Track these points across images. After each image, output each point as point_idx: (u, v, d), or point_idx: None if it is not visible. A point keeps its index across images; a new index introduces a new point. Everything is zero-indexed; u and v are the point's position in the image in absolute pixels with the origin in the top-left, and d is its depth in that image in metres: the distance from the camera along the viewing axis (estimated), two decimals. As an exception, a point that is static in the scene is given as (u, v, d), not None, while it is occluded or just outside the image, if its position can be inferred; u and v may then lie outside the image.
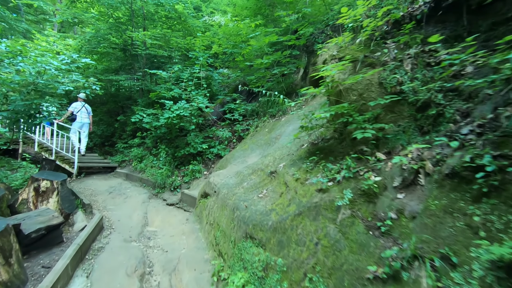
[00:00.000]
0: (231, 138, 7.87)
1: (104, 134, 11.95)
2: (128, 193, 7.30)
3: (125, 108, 12.30)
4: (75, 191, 6.68)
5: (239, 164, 5.29)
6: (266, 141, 5.71)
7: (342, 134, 3.67)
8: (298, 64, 7.36)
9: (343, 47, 4.05)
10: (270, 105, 7.09)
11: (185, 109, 7.14)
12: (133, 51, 10.73)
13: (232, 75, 10.59)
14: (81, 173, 9.06)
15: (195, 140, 7.57)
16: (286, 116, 6.22)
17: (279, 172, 3.88)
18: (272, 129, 6.08)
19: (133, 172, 8.79)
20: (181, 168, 7.64)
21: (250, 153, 5.78)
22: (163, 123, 7.32)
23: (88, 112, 9.03)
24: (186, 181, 7.09)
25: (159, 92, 8.22)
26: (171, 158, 7.91)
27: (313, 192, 2.92)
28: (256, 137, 6.37)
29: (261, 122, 7.19)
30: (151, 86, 9.78)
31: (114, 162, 10.36)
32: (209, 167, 7.42)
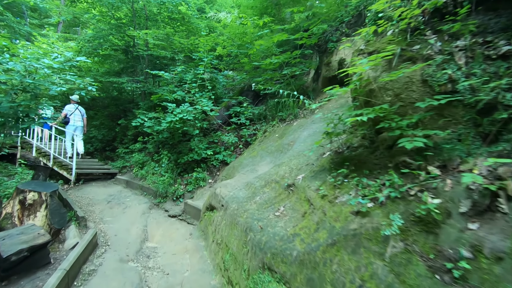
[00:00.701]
0: (238, 144, 7.29)
1: (105, 139, 11.41)
2: (128, 202, 6.72)
3: (127, 111, 11.77)
4: (70, 201, 6.11)
5: (249, 174, 4.70)
6: (277, 147, 5.12)
7: (374, 141, 3.08)
8: (309, 64, 6.79)
9: (371, 40, 3.47)
10: (280, 108, 6.51)
11: (188, 113, 6.58)
12: (135, 52, 10.22)
13: (237, 77, 10.03)
14: (80, 180, 8.51)
15: (199, 145, 6.99)
16: (298, 120, 5.64)
17: (298, 186, 3.28)
18: (283, 134, 5.49)
19: (133, 179, 8.22)
20: (184, 176, 7.06)
21: (259, 160, 5.18)
22: (165, 128, 6.76)
23: (81, 114, 8.56)
24: (189, 190, 6.51)
25: (161, 95, 7.67)
26: (173, 165, 7.34)
27: (348, 214, 2.32)
28: (265, 143, 5.78)
29: (270, 127, 6.61)
30: (153, 88, 9.24)
31: (115, 168, 9.80)
32: (214, 174, 6.83)
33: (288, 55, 6.32)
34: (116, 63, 12.84)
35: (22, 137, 10.50)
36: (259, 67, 9.75)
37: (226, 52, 11.24)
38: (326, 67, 5.93)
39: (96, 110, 12.70)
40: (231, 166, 5.95)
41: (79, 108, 8.59)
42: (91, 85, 5.47)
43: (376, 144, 2.99)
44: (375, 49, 3.22)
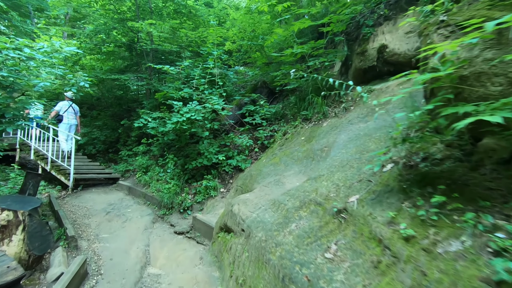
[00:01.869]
0: (252, 147, 6.32)
1: (108, 140, 10.54)
2: (129, 214, 5.80)
3: (131, 111, 10.89)
4: (62, 215, 5.20)
5: (273, 187, 3.72)
6: (306, 153, 4.14)
7: (472, 152, 2.08)
8: (334, 55, 5.76)
9: (455, 9, 2.45)
10: (304, 106, 5.51)
11: (197, 112, 5.62)
12: (138, 48, 9.32)
13: (249, 73, 9.05)
14: (79, 185, 7.64)
15: (209, 149, 6.03)
16: (328, 120, 4.64)
17: (353, 212, 2.30)
18: (312, 137, 4.50)
19: (136, 186, 7.31)
20: (192, 184, 6.11)
21: (284, 169, 4.20)
22: (171, 129, 5.82)
23: (75, 112, 7.96)
24: (198, 201, 5.56)
25: (167, 92, 6.73)
26: (180, 170, 6.40)
27: (476, 284, 1.33)
28: (288, 147, 4.80)
29: (291, 128, 5.62)
30: (158, 86, 8.32)
31: (117, 172, 8.92)
32: (227, 182, 5.88)
33: (312, 44, 5.32)
34: (120, 61, 11.98)
35: (21, 138, 9.71)
36: (272, 62, 8.80)
37: (236, 47, 10.28)
38: (360, 56, 4.92)
39: (99, 110, 11.86)
40: (247, 174, 4.98)
41: (72, 106, 7.91)
42: (84, 81, 4.55)
43: (478, 156, 1.99)
44: (467, 18, 2.22)
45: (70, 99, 7.87)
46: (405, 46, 4.19)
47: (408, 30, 4.18)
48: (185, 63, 6.33)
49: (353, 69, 5.22)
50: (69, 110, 7.82)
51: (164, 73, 9.03)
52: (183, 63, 6.29)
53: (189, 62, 6.40)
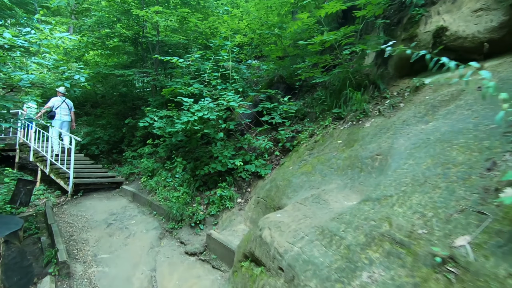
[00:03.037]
0: (272, 150, 5.48)
1: (112, 140, 9.77)
2: (132, 227, 5.02)
3: (136, 109, 10.11)
4: (55, 230, 4.43)
5: (313, 205, 2.88)
6: (349, 162, 3.28)
7: None
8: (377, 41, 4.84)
9: None
10: (336, 102, 4.65)
11: (210, 110, 4.80)
12: (144, 40, 8.51)
13: (263, 67, 8.19)
14: (79, 190, 6.90)
15: (223, 152, 5.21)
16: (372, 120, 3.77)
17: (470, 267, 1.46)
18: (352, 140, 3.64)
19: (141, 192, 6.53)
20: (204, 192, 5.31)
21: (321, 181, 3.36)
22: (180, 129, 5.01)
23: (69, 108, 7.58)
24: (212, 214, 4.74)
25: (175, 89, 5.89)
26: (190, 176, 5.59)
27: None
28: (321, 152, 3.94)
29: (320, 128, 4.77)
30: (165, 81, 7.50)
31: (121, 175, 8.17)
32: (244, 191, 5.06)
33: (345, 30, 4.43)
34: (125, 57, 11.20)
35: (21, 138, 9.01)
36: (287, 55, 7.93)
37: (247, 40, 9.41)
38: (407, 43, 4.03)
39: (103, 108, 11.10)
40: (271, 184, 4.14)
41: (66, 101, 7.51)
42: (79, 73, 3.75)
43: None
44: None
45: (63, 94, 7.43)
46: (473, 28, 3.30)
47: (478, 7, 3.30)
48: (195, 55, 5.50)
49: (396, 59, 4.33)
50: (62, 106, 7.38)
51: (171, 68, 8.23)
52: (193, 55, 5.46)
53: (200, 53, 5.57)
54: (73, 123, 7.95)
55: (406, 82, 4.06)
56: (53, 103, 7.33)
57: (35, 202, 6.58)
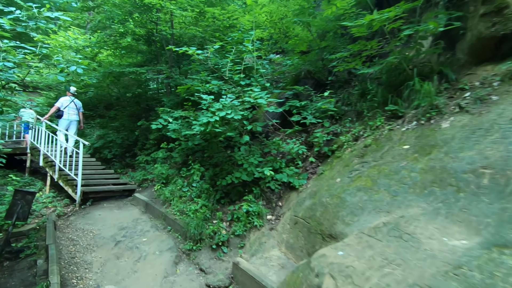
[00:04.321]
0: (306, 155, 4.59)
1: (125, 143, 9.12)
2: (144, 246, 4.23)
3: (150, 110, 9.44)
4: (52, 255, 3.68)
5: (393, 242, 1.97)
6: (434, 177, 2.35)
7: None
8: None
9: None
10: (393, 97, 3.70)
11: (234, 109, 3.95)
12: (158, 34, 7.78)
13: (287, 62, 7.29)
14: (88, 199, 6.23)
15: (248, 159, 4.35)
16: (451, 119, 2.81)
17: None
18: (427, 146, 2.70)
19: (155, 202, 5.78)
20: (226, 205, 4.47)
21: (391, 202, 2.44)
22: (198, 132, 4.19)
23: (77, 108, 7.42)
24: (237, 233, 3.88)
25: (191, 86, 5.09)
26: (209, 186, 4.77)
27: None
28: (381, 161, 3.01)
29: (368, 129, 3.84)
30: (180, 79, 6.74)
31: (134, 181, 7.48)
32: (274, 205, 4.18)
33: (404, 6, 3.48)
34: (139, 57, 10.56)
35: (32, 142, 8.50)
36: (312, 49, 7.02)
37: (267, 34, 8.54)
38: (492, 18, 3.06)
39: (117, 110, 10.50)
40: (315, 201, 3.23)
41: (74, 101, 7.33)
42: (76, 64, 2.99)
43: None
44: None
45: (72, 94, 7.32)
46: None
47: None
48: (215, 46, 4.68)
49: (471, 41, 3.34)
50: (70, 106, 7.20)
51: (187, 64, 7.47)
52: (213, 46, 4.63)
53: (219, 44, 4.75)
54: (81, 124, 7.74)
55: (489, 69, 3.08)
56: (61, 103, 7.15)
57: (41, 212, 5.95)
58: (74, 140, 7.00)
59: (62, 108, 7.11)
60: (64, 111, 7.14)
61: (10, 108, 4.02)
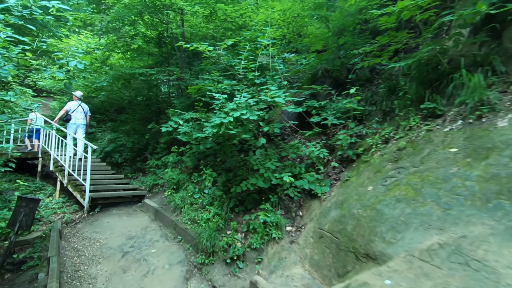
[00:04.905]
0: (326, 159, 4.17)
1: (136, 147, 8.89)
2: (152, 259, 3.90)
3: (161, 113, 9.21)
4: (53, 269, 3.41)
5: (458, 271, 1.54)
6: (499, 186, 1.91)
7: None
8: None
9: None
10: (431, 94, 3.25)
11: (249, 109, 3.59)
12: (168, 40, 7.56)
13: (302, 61, 6.90)
14: (97, 205, 5.98)
15: (265, 163, 3.97)
16: (508, 116, 2.36)
17: None
18: (482, 148, 2.26)
19: (165, 209, 5.47)
20: (241, 214, 4.09)
21: (444, 217, 2.01)
22: (211, 134, 3.85)
23: (85, 112, 7.41)
24: (253, 247, 3.50)
25: (202, 86, 4.77)
26: (222, 193, 4.41)
27: None
28: (423, 167, 2.57)
29: (400, 130, 3.40)
30: (191, 79, 6.45)
31: (144, 186, 7.24)
32: (294, 215, 3.77)
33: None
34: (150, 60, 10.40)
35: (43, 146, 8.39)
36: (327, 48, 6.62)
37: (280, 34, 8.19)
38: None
39: (128, 114, 10.34)
40: (343, 212, 2.82)
41: (82, 105, 7.34)
42: (76, 59, 2.71)
43: None
44: None
45: (79, 98, 7.41)
46: None
47: None
48: (227, 42, 4.35)
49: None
50: (78, 110, 7.20)
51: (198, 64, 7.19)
52: (225, 43, 4.31)
53: (232, 40, 4.43)
54: (87, 127, 7.75)
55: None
56: (69, 107, 7.16)
57: (50, 218, 5.74)
58: (83, 144, 6.84)
59: (70, 112, 7.10)
60: (72, 115, 7.12)
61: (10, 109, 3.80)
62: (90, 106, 11.90)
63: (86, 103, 11.71)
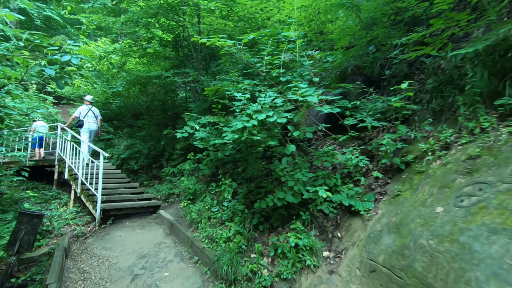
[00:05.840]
0: (366, 169, 3.51)
1: (152, 153, 8.53)
2: (165, 285, 3.37)
3: (177, 118, 8.83)
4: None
5: None
6: None
7: None
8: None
9: None
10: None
11: (277, 110, 3.00)
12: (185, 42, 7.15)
13: (328, 59, 6.25)
14: (110, 217, 5.58)
15: (294, 174, 3.35)
16: None
17: None
18: None
19: (181, 222, 4.96)
20: (266, 233, 3.49)
21: None
22: (231, 140, 3.29)
23: (95, 116, 7.24)
24: (283, 276, 2.87)
25: (220, 87, 4.24)
26: (243, 206, 3.84)
27: None
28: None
29: (463, 133, 2.70)
30: (207, 81, 5.97)
31: (160, 195, 6.81)
32: (330, 236, 3.13)
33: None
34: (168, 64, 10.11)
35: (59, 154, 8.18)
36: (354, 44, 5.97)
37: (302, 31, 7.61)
38: None
39: (144, 119, 10.05)
40: (405, 241, 2.14)
41: (92, 109, 7.14)
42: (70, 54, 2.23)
43: None
44: None
45: (89, 102, 7.17)
46: None
47: None
48: (248, 36, 3.81)
49: None
50: (89, 114, 7.03)
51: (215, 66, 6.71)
52: (246, 37, 3.76)
53: (254, 35, 3.87)
54: (99, 131, 7.58)
55: None
56: (79, 112, 7.01)
57: (61, 231, 5.37)
58: (96, 151, 6.51)
59: (81, 118, 6.95)
60: (84, 120, 6.96)
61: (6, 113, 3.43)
62: (108, 112, 11.80)
63: (104, 109, 11.62)
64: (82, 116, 6.98)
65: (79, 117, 6.95)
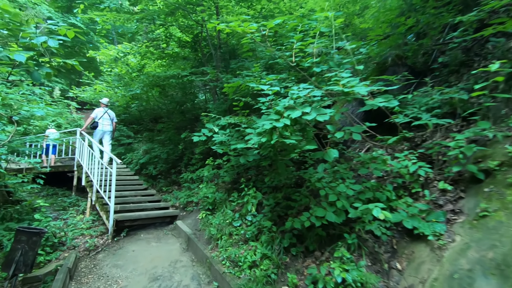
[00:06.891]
0: (427, 178, 2.74)
1: (171, 158, 8.08)
2: (179, 318, 2.79)
3: (196, 121, 8.36)
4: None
5: None
6: None
7: None
8: None
9: None
10: None
11: (315, 105, 2.34)
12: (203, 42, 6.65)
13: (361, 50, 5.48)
14: (124, 228, 5.13)
15: (336, 186, 2.66)
16: None
17: None
18: None
19: (199, 237, 4.40)
20: (299, 258, 2.82)
21: None
22: (257, 145, 2.66)
23: (111, 118, 7.29)
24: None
25: (242, 84, 3.63)
26: (271, 223, 3.18)
27: None
28: None
29: None
30: (227, 78, 5.39)
31: (178, 203, 6.31)
32: (386, 266, 2.41)
33: None
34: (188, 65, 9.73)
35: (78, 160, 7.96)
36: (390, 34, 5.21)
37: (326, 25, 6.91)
38: None
39: (163, 123, 9.68)
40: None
41: (108, 112, 7.23)
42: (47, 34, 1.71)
43: None
44: None
45: (105, 105, 7.24)
46: None
47: None
48: (274, 21, 3.17)
49: None
50: (104, 117, 7.12)
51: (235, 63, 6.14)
52: (273, 22, 3.13)
53: (281, 19, 3.24)
54: (113, 133, 7.62)
55: None
56: (96, 114, 7.09)
57: (73, 243, 4.97)
58: (109, 157, 6.22)
59: (96, 119, 7.02)
60: (99, 122, 7.03)
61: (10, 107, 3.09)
62: (128, 116, 11.62)
63: (125, 113, 11.45)
64: (98, 118, 7.04)
65: (95, 119, 7.01)
